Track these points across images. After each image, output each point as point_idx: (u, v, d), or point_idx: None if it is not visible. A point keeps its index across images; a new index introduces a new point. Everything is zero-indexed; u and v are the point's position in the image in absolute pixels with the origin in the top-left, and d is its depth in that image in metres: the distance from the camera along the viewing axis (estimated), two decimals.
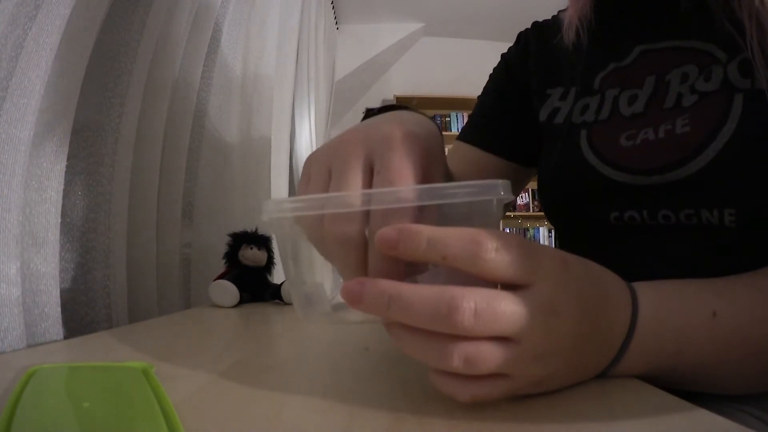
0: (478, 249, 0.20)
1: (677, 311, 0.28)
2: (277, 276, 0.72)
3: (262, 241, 0.67)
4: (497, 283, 0.22)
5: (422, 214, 0.23)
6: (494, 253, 0.20)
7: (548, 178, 0.49)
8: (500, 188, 0.23)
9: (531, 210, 3.47)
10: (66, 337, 0.44)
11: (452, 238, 0.20)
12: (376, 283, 0.21)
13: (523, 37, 0.57)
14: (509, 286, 0.21)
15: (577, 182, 0.44)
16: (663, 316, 0.27)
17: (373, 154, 0.25)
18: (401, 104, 0.40)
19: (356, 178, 0.24)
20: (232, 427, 0.21)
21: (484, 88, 0.60)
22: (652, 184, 0.38)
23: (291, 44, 1.29)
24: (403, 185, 0.24)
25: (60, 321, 0.44)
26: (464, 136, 0.59)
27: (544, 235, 3.54)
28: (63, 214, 0.49)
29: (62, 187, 0.46)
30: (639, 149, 0.39)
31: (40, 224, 0.43)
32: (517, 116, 0.55)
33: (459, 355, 0.20)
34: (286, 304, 0.64)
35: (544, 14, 0.59)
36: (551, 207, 0.50)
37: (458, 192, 0.22)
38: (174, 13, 0.69)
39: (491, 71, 0.61)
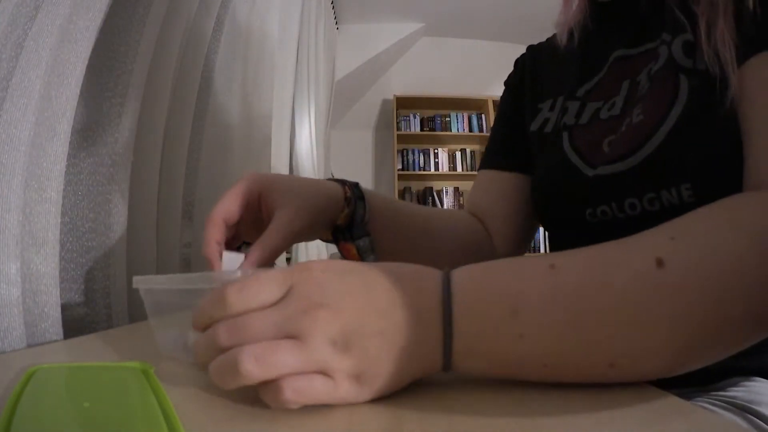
0: (222, 298, 0.23)
1: (506, 271, 0.25)
2: None
3: None
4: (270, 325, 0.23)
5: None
6: (237, 293, 0.23)
7: (535, 182, 0.52)
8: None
9: None
10: (66, 337, 0.44)
11: (204, 302, 0.24)
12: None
13: (519, 62, 0.61)
14: None
15: (559, 183, 0.46)
16: (488, 278, 0.25)
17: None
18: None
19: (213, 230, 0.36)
20: (232, 427, 0.21)
21: (494, 117, 0.64)
22: (615, 173, 0.40)
23: (291, 44, 1.29)
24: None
25: (60, 321, 0.44)
26: (484, 164, 0.62)
27: (545, 236, 3.55)
28: (63, 214, 0.49)
29: (62, 187, 0.46)
30: (613, 147, 0.41)
31: (40, 224, 0.43)
32: (525, 134, 0.58)
33: (248, 356, 0.21)
34: None
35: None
36: (539, 210, 0.52)
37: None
38: (173, 13, 0.69)
39: (497, 88, 0.65)
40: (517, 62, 0.61)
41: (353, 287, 0.24)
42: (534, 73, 0.57)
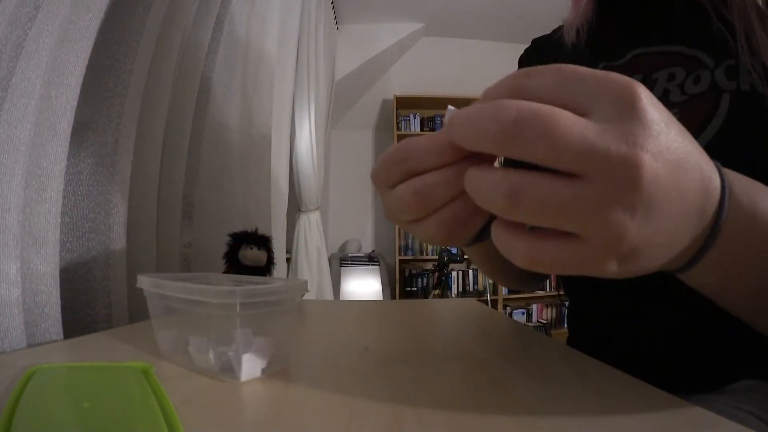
0: (516, 76, 0.20)
1: (759, 186, 0.25)
2: (277, 276, 0.72)
3: (262, 241, 0.67)
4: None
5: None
6: (527, 78, 0.19)
7: None
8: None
9: None
10: (66, 337, 0.44)
11: (496, 85, 0.21)
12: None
13: (524, 59, 0.60)
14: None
15: None
16: (753, 204, 0.24)
17: None
18: None
19: None
20: (232, 427, 0.21)
21: None
22: None
23: (291, 44, 1.29)
24: None
25: (60, 321, 0.44)
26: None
27: None
28: (63, 214, 0.49)
29: (62, 187, 0.46)
30: None
31: (40, 224, 0.43)
32: None
33: (506, 185, 0.18)
34: None
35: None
36: None
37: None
38: (174, 14, 0.69)
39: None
40: (521, 61, 0.61)
41: (669, 140, 0.19)
42: (541, 64, 0.57)
